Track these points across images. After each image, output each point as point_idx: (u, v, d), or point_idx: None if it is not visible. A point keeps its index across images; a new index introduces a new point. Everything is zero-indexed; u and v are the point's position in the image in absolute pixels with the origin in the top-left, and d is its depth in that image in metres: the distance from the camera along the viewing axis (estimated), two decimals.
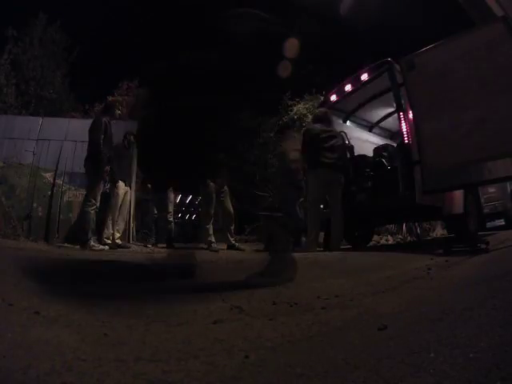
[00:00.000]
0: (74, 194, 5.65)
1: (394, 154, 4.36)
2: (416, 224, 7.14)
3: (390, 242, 6.35)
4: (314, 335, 1.18)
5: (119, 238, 4.62)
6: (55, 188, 5.66)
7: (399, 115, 3.79)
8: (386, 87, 4.29)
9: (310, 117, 11.74)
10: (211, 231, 4.39)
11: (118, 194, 4.57)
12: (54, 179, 5.69)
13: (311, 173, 4.04)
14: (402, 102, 3.80)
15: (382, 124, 5.82)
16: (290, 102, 13.23)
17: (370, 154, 4.84)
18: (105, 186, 4.39)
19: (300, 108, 12.69)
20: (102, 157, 3.98)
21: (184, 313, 1.43)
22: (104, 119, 4.10)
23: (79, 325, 1.19)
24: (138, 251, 4.36)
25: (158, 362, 0.95)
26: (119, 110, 4.30)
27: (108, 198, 4.55)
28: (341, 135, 4.35)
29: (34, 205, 5.54)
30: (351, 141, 5.29)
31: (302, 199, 4.72)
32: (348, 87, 4.67)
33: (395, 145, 4.60)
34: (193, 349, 1.05)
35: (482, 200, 5.10)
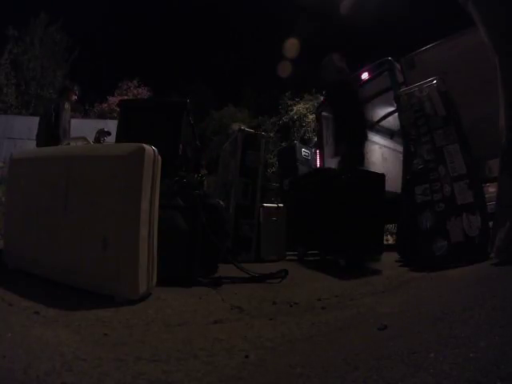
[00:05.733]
0: None
1: None
2: None
3: (389, 242, 6.35)
4: (314, 335, 1.19)
5: None
6: None
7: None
8: (386, 86, 4.29)
9: (311, 117, 11.77)
10: None
11: None
12: None
13: None
14: None
15: (383, 123, 5.82)
16: (289, 102, 13.26)
17: (370, 152, 4.83)
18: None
19: (300, 108, 12.72)
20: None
21: (184, 313, 1.43)
22: (66, 105, 3.80)
23: (79, 325, 1.19)
24: None
25: (158, 362, 0.95)
26: (76, 94, 4.12)
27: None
28: None
29: None
30: None
31: None
32: None
33: None
34: (193, 349, 1.05)
35: None
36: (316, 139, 5.67)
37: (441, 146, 2.46)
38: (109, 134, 4.95)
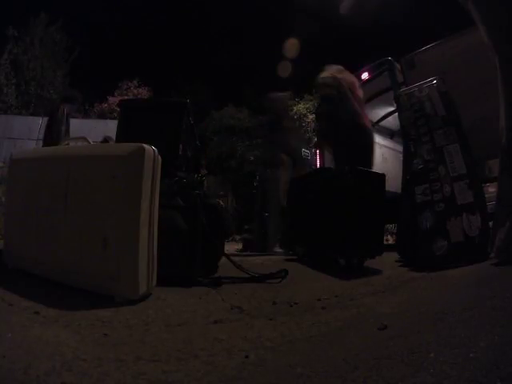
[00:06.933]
0: None
1: None
2: None
3: (389, 242, 6.34)
4: (314, 335, 1.19)
5: None
6: None
7: None
8: (386, 86, 4.29)
9: (310, 117, 11.77)
10: None
11: None
12: None
13: None
14: None
15: (383, 123, 5.83)
16: (290, 102, 13.25)
17: None
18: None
19: (300, 108, 12.72)
20: None
21: (184, 313, 1.43)
22: (65, 109, 3.86)
23: (79, 325, 1.19)
24: None
25: (158, 362, 0.95)
26: (79, 100, 4.16)
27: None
28: None
29: None
30: None
31: None
32: None
33: None
34: (193, 349, 1.05)
35: None
36: (316, 139, 5.67)
37: (441, 146, 2.46)
38: (111, 138, 4.99)
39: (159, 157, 1.67)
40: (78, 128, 5.76)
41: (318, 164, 5.15)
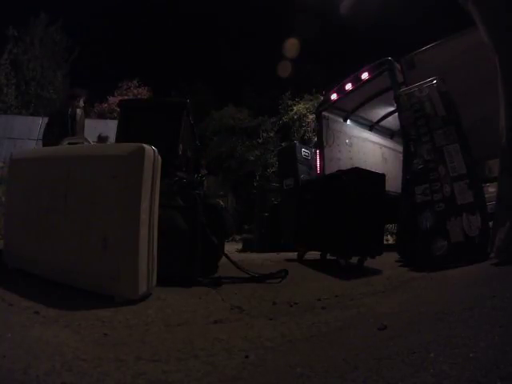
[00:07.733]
0: None
1: None
2: None
3: (389, 242, 6.34)
4: (314, 335, 1.19)
5: None
6: None
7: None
8: (386, 86, 4.30)
9: (311, 117, 11.78)
10: None
11: None
12: None
13: None
14: None
15: (383, 123, 5.83)
16: (289, 102, 13.26)
17: (371, 152, 4.84)
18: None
19: (300, 108, 12.72)
20: None
21: (184, 313, 1.43)
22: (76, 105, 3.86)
23: (79, 325, 1.19)
24: None
25: (158, 362, 0.95)
26: (84, 99, 4.19)
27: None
28: None
29: None
30: (352, 139, 5.30)
31: None
32: (348, 86, 4.67)
33: None
34: (193, 349, 1.05)
35: None
36: (316, 139, 5.67)
37: (441, 145, 2.46)
38: (107, 138, 5.00)
39: (159, 157, 1.67)
40: None
41: (318, 164, 5.15)
